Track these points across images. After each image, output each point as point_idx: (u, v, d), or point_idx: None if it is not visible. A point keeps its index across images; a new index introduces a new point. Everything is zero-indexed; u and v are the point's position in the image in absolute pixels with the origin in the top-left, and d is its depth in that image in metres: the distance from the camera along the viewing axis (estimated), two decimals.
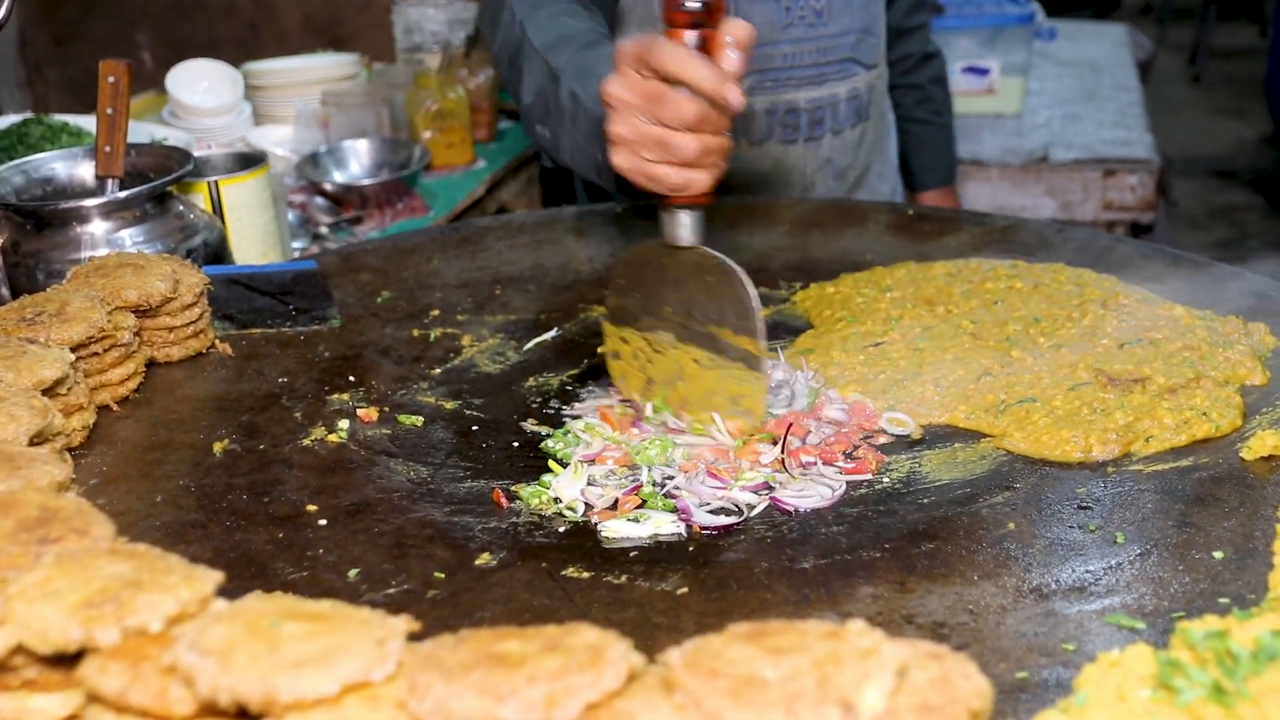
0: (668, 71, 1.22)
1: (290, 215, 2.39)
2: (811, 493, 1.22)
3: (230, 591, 1.04)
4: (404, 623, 0.78)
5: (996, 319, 1.55)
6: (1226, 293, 1.57)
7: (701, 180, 1.27)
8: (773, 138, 2.10)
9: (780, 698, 0.67)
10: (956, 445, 1.32)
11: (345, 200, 2.51)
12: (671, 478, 1.26)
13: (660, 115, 1.24)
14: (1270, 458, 1.20)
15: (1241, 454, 1.22)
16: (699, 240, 1.34)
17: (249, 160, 2.02)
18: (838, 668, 0.70)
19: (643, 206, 1.97)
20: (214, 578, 0.83)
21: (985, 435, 1.33)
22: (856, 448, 1.31)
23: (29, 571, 0.81)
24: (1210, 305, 1.52)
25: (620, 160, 1.29)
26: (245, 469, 1.29)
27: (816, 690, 0.68)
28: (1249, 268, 1.65)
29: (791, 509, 1.20)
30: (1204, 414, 1.29)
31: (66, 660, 0.78)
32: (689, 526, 1.18)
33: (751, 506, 1.21)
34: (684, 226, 1.33)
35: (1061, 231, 1.83)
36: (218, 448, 1.33)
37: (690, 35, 1.23)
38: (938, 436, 1.34)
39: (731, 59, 1.23)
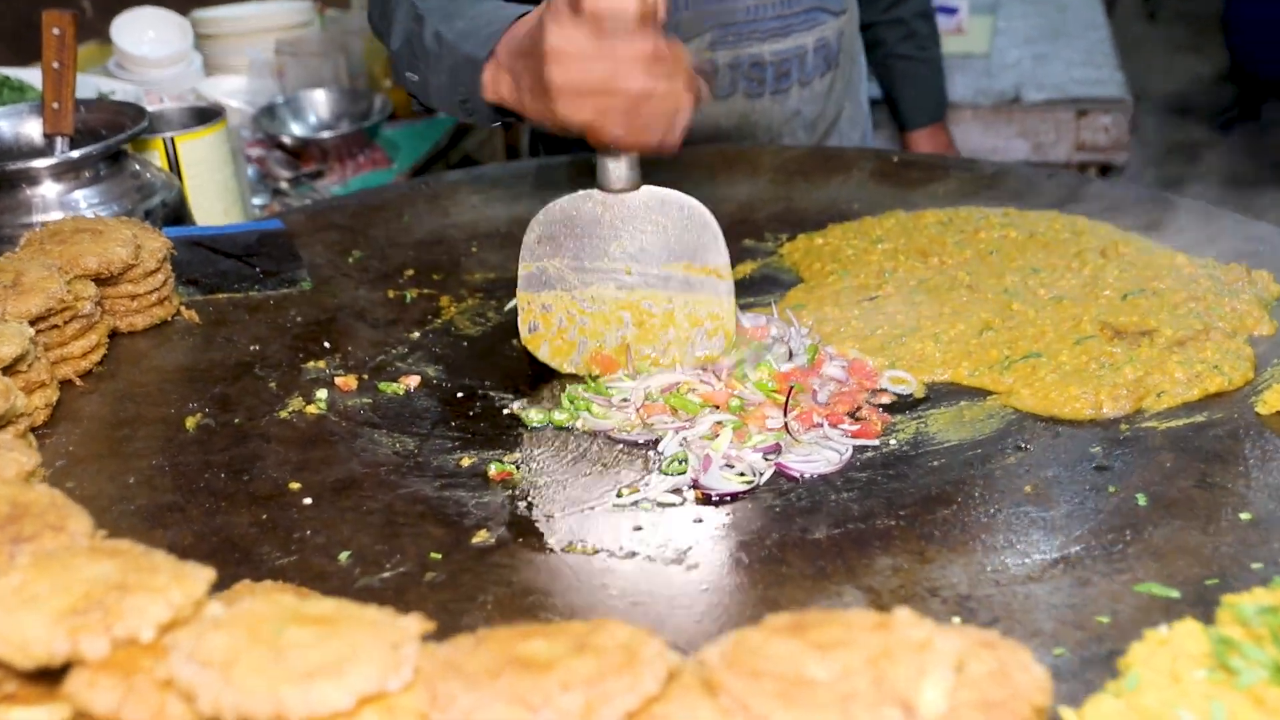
0: (599, 8, 1.16)
1: (249, 171, 2.30)
2: (818, 457, 1.18)
3: (216, 581, 0.99)
4: (416, 623, 0.72)
5: (993, 270, 1.50)
6: (1225, 238, 1.53)
7: (652, 132, 1.22)
8: (737, 92, 2.02)
9: (833, 699, 0.63)
10: (962, 403, 1.27)
11: (305, 154, 2.42)
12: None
13: (601, 54, 1.18)
14: None
15: (1257, 409, 1.19)
16: (640, 181, 1.31)
17: (205, 114, 1.93)
18: (892, 664, 0.65)
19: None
20: (205, 575, 0.77)
21: (991, 392, 1.28)
22: (859, 408, 1.27)
23: (3, 576, 0.75)
24: (1209, 251, 1.48)
25: (566, 110, 1.22)
26: (221, 445, 1.23)
27: (872, 690, 0.63)
28: (1219, 205, 1.62)
29: (798, 475, 1.16)
30: (1215, 367, 1.25)
31: (49, 674, 0.72)
32: (694, 491, 1.13)
33: (759, 473, 1.16)
34: (628, 169, 1.29)
35: (1051, 177, 1.79)
36: (190, 422, 1.26)
37: None
38: (941, 395, 1.29)
39: None
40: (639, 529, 1.09)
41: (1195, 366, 1.25)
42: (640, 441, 1.24)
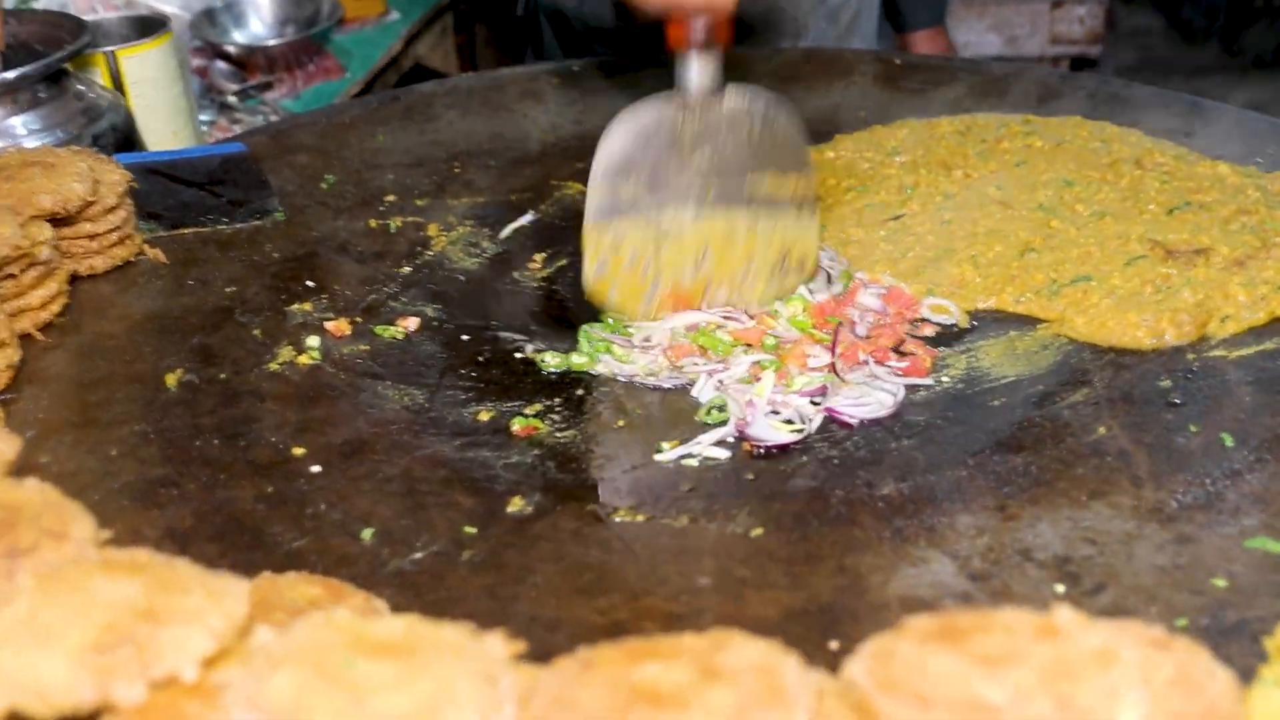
0: None
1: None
2: (870, 400, 1.08)
3: (225, 567, 0.88)
4: (503, 644, 0.62)
5: (1023, 184, 1.40)
6: (1258, 142, 1.45)
7: None
8: None
9: None
10: (1011, 333, 1.18)
11: (250, 64, 2.24)
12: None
13: None
14: None
15: None
16: (723, 83, 1.18)
17: (149, 25, 1.76)
18: (1074, 683, 0.56)
19: (606, 63, 1.77)
20: (242, 591, 0.66)
21: (1041, 320, 1.20)
22: (902, 341, 1.17)
23: (5, 604, 0.63)
24: (1244, 157, 1.40)
25: None
26: (209, 405, 1.10)
27: (1058, 717, 0.54)
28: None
29: (853, 420, 1.06)
30: None
31: None
32: (740, 444, 1.04)
33: (809, 419, 1.06)
34: (712, 70, 1.16)
35: (1065, 80, 1.69)
36: (171, 380, 1.14)
37: None
38: (987, 324, 1.20)
39: None
40: (691, 489, 0.99)
41: (1259, 288, 1.17)
42: (668, 387, 1.14)
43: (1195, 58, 5.28)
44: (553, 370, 1.16)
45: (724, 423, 1.06)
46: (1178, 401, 1.05)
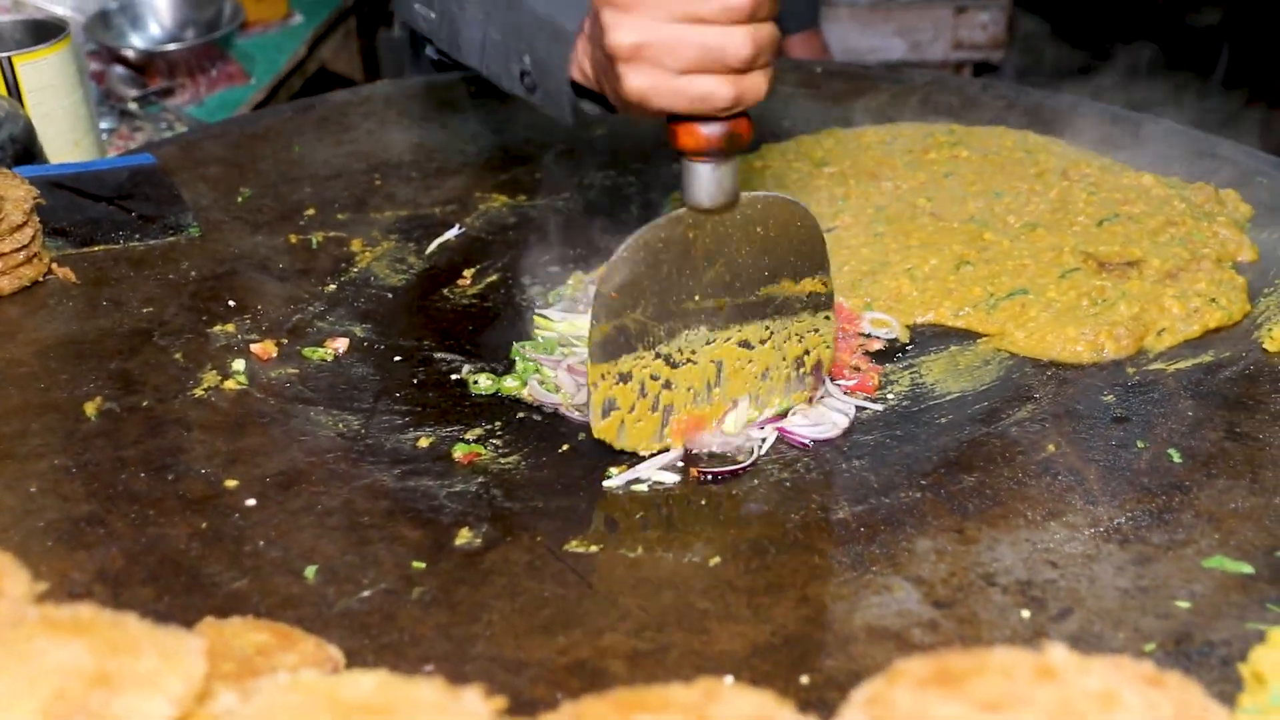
0: None
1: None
2: (824, 420, 1.07)
3: (162, 613, 0.84)
4: (481, 699, 0.59)
5: (953, 195, 1.40)
6: (1176, 152, 1.47)
7: (759, 86, 0.91)
8: None
9: None
10: (953, 348, 1.18)
11: (150, 68, 2.16)
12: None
13: (694, 7, 0.87)
14: None
15: (1264, 345, 1.13)
16: (738, 192, 0.98)
17: (46, 29, 1.68)
18: None
19: None
20: (197, 647, 0.62)
21: (981, 334, 1.20)
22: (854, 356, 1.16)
23: None
24: (1165, 168, 1.42)
25: (640, 81, 0.91)
26: (133, 435, 1.05)
27: None
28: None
29: (807, 442, 1.05)
30: (1212, 300, 1.19)
31: None
32: (687, 468, 1.02)
33: (761, 440, 1.05)
34: (727, 180, 0.96)
35: (987, 89, 1.70)
36: (90, 408, 1.08)
37: None
38: (927, 339, 1.20)
39: None
40: (640, 516, 0.97)
41: (1191, 300, 1.19)
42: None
43: (1078, 60, 5.41)
44: (484, 394, 1.13)
45: (667, 448, 1.04)
46: (1122, 416, 1.06)
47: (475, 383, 1.14)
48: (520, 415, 1.10)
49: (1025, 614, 0.84)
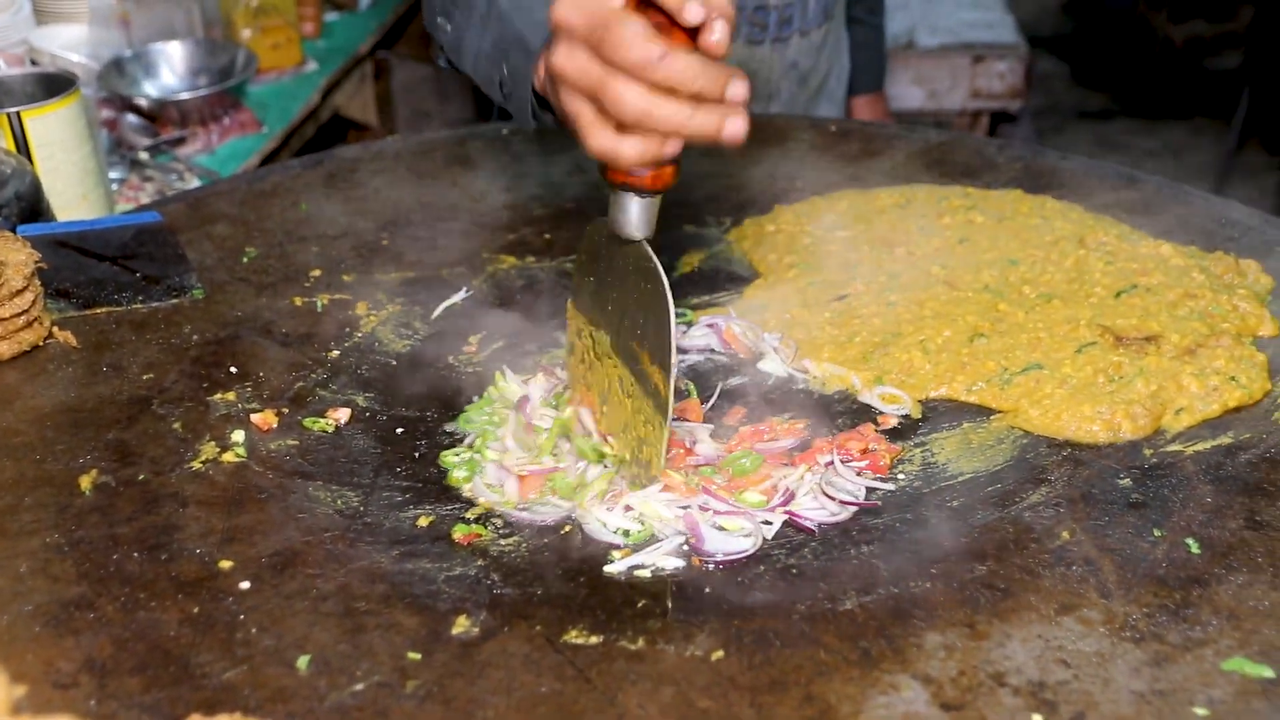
0: None
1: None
2: (830, 503, 1.04)
3: (149, 706, 0.82)
4: None
5: (967, 263, 1.38)
6: (1195, 218, 1.45)
7: (629, 155, 0.91)
8: (739, 37, 1.88)
9: None
10: (965, 425, 1.16)
11: (161, 117, 2.16)
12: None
13: (603, 49, 0.89)
14: None
15: None
16: (648, 233, 1.00)
17: (56, 83, 1.67)
18: None
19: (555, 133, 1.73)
20: None
21: (994, 411, 1.17)
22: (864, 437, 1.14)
23: None
24: (1180, 234, 1.40)
25: (564, 103, 0.95)
26: (128, 511, 1.03)
27: None
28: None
29: (813, 526, 1.02)
30: (1232, 379, 1.16)
31: None
32: (690, 556, 0.99)
33: (768, 523, 1.02)
34: (628, 213, 0.99)
35: (1003, 150, 1.68)
36: (85, 482, 1.06)
37: None
38: (940, 414, 1.18)
39: None
40: (641, 604, 0.94)
41: (1210, 378, 1.16)
42: (547, 523, 1.04)
43: (1096, 102, 5.41)
44: (460, 484, 1.09)
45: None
46: (1139, 501, 1.03)
47: (454, 470, 1.10)
48: None
49: (1037, 718, 0.81)
